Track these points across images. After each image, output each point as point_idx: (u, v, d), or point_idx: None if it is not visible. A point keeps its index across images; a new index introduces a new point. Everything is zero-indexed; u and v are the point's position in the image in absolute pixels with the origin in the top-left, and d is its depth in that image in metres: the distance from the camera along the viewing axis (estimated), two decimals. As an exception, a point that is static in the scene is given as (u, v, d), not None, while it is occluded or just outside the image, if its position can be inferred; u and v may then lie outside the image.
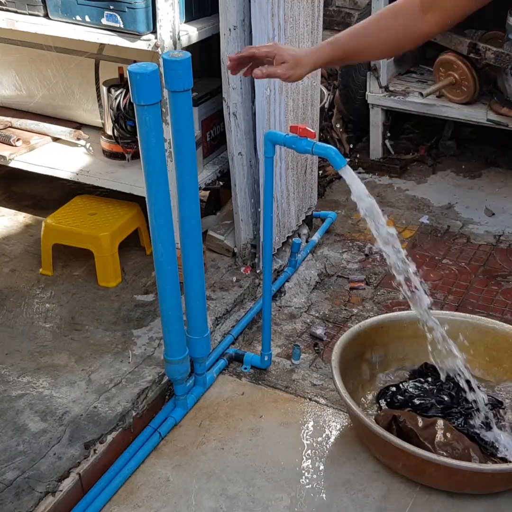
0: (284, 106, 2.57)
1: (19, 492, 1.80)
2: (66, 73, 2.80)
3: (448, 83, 3.39)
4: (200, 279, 2.04)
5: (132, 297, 2.54)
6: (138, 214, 2.71)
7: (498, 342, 2.21)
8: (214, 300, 2.52)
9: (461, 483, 1.85)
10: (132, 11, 2.17)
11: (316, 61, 1.76)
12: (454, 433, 1.90)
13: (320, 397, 2.21)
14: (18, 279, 2.63)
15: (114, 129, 2.60)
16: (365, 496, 1.90)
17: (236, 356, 2.36)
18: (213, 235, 2.75)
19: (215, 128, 2.65)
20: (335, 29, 4.46)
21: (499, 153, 3.71)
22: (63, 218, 2.65)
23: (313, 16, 2.62)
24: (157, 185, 1.80)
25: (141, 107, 1.69)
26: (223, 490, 1.92)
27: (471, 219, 3.20)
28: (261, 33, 2.32)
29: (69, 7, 2.27)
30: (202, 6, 2.35)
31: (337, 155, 1.77)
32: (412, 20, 1.68)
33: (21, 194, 3.15)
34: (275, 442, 2.06)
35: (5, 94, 3.01)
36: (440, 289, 2.70)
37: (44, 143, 2.85)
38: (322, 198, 3.34)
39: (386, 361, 2.25)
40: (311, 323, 2.56)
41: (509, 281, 2.77)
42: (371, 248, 2.94)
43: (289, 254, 2.75)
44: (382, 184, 3.52)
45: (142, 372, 2.18)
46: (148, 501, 1.90)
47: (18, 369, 2.20)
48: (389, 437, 1.83)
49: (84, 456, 1.91)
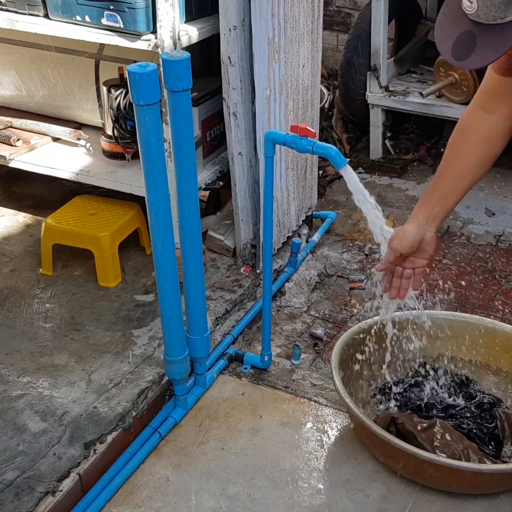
0: (284, 106, 2.57)
1: (19, 492, 1.80)
2: (66, 73, 2.80)
3: (448, 83, 3.39)
4: (200, 279, 2.04)
5: (132, 297, 2.54)
6: (138, 214, 2.71)
7: (498, 342, 2.21)
8: (214, 300, 2.52)
9: (461, 483, 1.85)
10: (132, 11, 2.17)
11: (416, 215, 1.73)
12: (453, 434, 1.90)
13: (320, 397, 2.21)
14: (18, 279, 2.63)
15: (114, 129, 2.60)
16: (365, 496, 1.90)
17: (236, 356, 2.36)
18: (213, 235, 2.75)
19: (215, 128, 2.65)
20: (335, 29, 4.48)
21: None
22: (63, 218, 2.65)
23: (313, 16, 2.62)
24: (157, 185, 1.80)
25: (141, 107, 1.69)
26: (223, 490, 1.92)
27: (471, 219, 3.19)
28: (261, 33, 2.32)
29: (69, 7, 2.27)
30: (202, 6, 2.35)
31: (338, 154, 1.77)
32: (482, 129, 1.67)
33: (21, 194, 3.15)
34: (275, 442, 2.06)
35: (5, 94, 3.01)
36: (440, 289, 2.70)
37: (44, 143, 2.85)
38: (322, 198, 3.34)
39: (386, 362, 2.25)
40: (311, 323, 2.56)
41: (509, 281, 2.77)
42: (371, 248, 2.94)
43: (289, 254, 2.75)
44: (382, 184, 3.52)
45: (142, 372, 2.18)
46: (148, 501, 1.89)
47: (18, 369, 2.20)
48: (389, 438, 1.83)
49: (84, 456, 1.91)
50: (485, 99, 1.67)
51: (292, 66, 2.57)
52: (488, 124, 1.67)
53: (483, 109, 1.67)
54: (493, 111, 1.66)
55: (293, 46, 2.53)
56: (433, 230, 1.73)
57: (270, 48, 2.39)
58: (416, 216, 1.73)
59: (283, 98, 2.55)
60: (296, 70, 2.60)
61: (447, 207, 1.74)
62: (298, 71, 2.62)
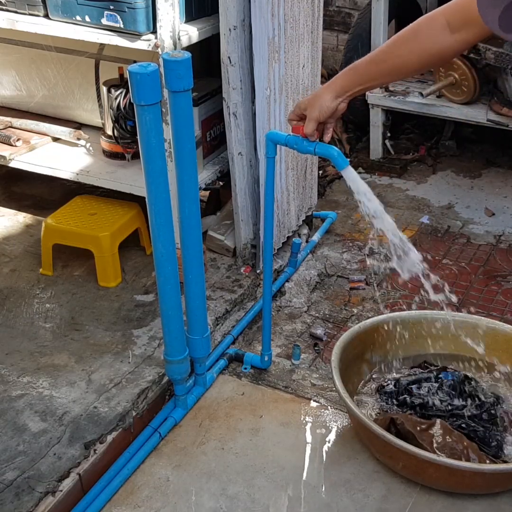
0: (284, 106, 2.57)
1: (19, 492, 1.80)
2: (66, 73, 2.80)
3: (448, 83, 3.39)
4: (200, 279, 2.04)
5: (132, 297, 2.54)
6: (138, 214, 2.71)
7: (498, 342, 2.21)
8: (214, 300, 2.52)
9: (461, 483, 1.85)
10: (132, 11, 2.17)
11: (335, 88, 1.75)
12: (452, 434, 1.90)
13: (320, 397, 2.21)
14: (18, 279, 2.63)
15: (114, 129, 2.60)
16: (365, 496, 1.90)
17: (236, 356, 2.36)
18: (213, 235, 2.75)
19: (215, 128, 2.65)
20: (335, 29, 4.47)
21: (499, 153, 3.71)
22: (63, 218, 2.65)
23: (313, 16, 2.62)
24: (157, 185, 1.80)
25: (141, 107, 1.69)
26: (223, 490, 1.92)
27: (471, 219, 3.19)
28: (261, 33, 2.32)
29: (69, 7, 2.27)
30: (202, 6, 2.35)
31: (340, 155, 1.77)
32: (437, 42, 1.60)
33: (21, 194, 3.15)
34: (275, 442, 2.06)
35: (5, 94, 3.01)
36: (440, 289, 2.70)
37: (44, 143, 2.85)
38: (322, 198, 3.34)
39: (386, 361, 2.25)
40: (311, 323, 2.56)
41: (509, 281, 2.77)
42: (371, 248, 2.94)
43: (289, 254, 2.75)
44: (382, 184, 3.52)
45: (142, 372, 2.18)
46: (148, 501, 1.89)
47: (18, 369, 2.20)
48: (389, 438, 1.83)
49: (84, 456, 1.91)
50: (455, 13, 1.58)
51: (292, 66, 2.57)
52: (446, 42, 1.60)
53: (448, 24, 1.59)
54: (457, 30, 1.57)
55: (293, 46, 2.54)
56: (346, 102, 1.78)
57: (270, 48, 2.39)
58: (335, 87, 1.75)
59: (283, 98, 2.55)
60: (296, 70, 2.60)
61: (366, 89, 1.78)
62: (298, 71, 2.62)
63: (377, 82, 1.79)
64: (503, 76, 3.23)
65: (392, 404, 2.08)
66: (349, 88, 1.74)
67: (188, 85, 1.74)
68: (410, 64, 1.67)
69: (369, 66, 1.72)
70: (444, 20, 1.59)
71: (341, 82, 1.75)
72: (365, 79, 1.73)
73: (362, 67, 1.73)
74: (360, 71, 1.73)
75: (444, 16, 1.59)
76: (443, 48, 1.61)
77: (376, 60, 1.71)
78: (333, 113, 1.77)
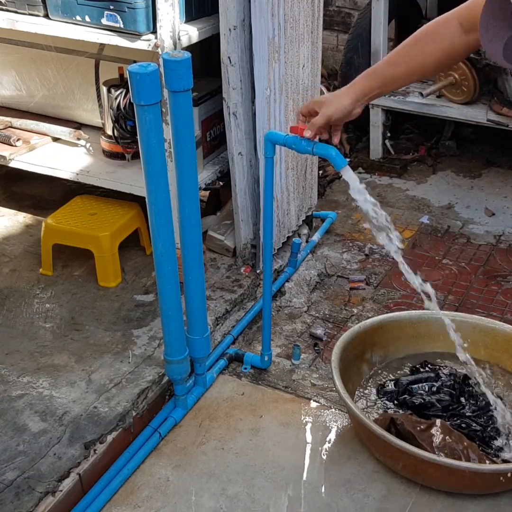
0: (284, 106, 2.57)
1: (19, 492, 1.80)
2: (66, 73, 2.80)
3: (448, 83, 3.39)
4: (200, 279, 2.04)
5: (132, 297, 2.54)
6: (138, 214, 2.71)
7: (498, 342, 2.21)
8: (214, 300, 2.52)
9: (461, 483, 1.85)
10: (132, 11, 2.17)
11: (355, 91, 1.77)
12: (452, 434, 1.90)
13: (320, 397, 2.21)
14: (18, 279, 2.63)
15: (114, 129, 2.60)
16: (365, 496, 1.90)
17: (236, 356, 2.36)
18: (213, 235, 2.75)
19: (215, 128, 2.65)
20: (335, 29, 4.48)
21: (499, 153, 3.71)
22: (63, 218, 2.65)
23: (313, 16, 2.62)
24: (157, 185, 1.80)
25: (141, 107, 1.69)
26: (223, 490, 1.92)
27: (471, 219, 3.19)
28: (261, 33, 2.32)
29: (69, 7, 2.27)
30: (202, 6, 2.35)
31: (338, 155, 1.77)
32: (452, 42, 1.66)
33: (21, 194, 3.15)
34: (275, 442, 2.06)
35: (5, 94, 3.01)
36: (440, 289, 2.70)
37: (44, 143, 2.85)
38: (322, 198, 3.34)
39: (386, 361, 2.25)
40: (311, 323, 2.56)
41: (509, 281, 2.77)
42: (371, 248, 2.94)
43: (289, 254, 2.75)
44: (382, 184, 3.52)
45: (142, 372, 2.18)
46: (148, 501, 1.89)
47: (18, 369, 2.20)
48: (389, 438, 1.83)
49: (84, 456, 1.91)
50: (468, 17, 1.64)
51: (292, 66, 2.57)
52: (461, 42, 1.66)
53: (462, 26, 1.65)
54: (470, 31, 1.63)
55: (293, 46, 2.53)
56: (363, 106, 1.80)
57: (270, 48, 2.39)
58: (355, 90, 1.78)
59: (283, 98, 2.55)
60: (296, 70, 2.60)
61: (383, 93, 1.82)
62: (298, 71, 2.62)
63: (396, 84, 1.82)
64: (503, 76, 3.23)
65: (392, 404, 2.08)
66: (368, 91, 1.77)
67: (188, 85, 1.74)
68: (427, 65, 1.72)
69: (388, 68, 1.75)
70: (457, 22, 1.65)
71: (360, 85, 1.77)
72: (384, 82, 1.76)
73: (381, 70, 1.76)
74: (379, 74, 1.76)
75: (457, 19, 1.66)
76: (459, 47, 1.68)
77: (395, 62, 1.74)
78: (347, 116, 1.79)
